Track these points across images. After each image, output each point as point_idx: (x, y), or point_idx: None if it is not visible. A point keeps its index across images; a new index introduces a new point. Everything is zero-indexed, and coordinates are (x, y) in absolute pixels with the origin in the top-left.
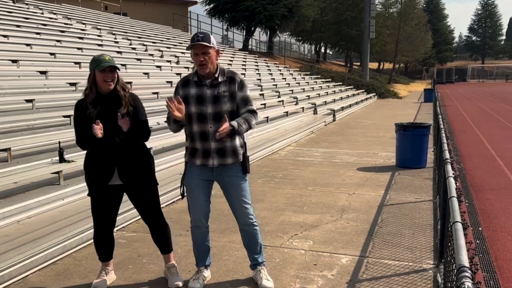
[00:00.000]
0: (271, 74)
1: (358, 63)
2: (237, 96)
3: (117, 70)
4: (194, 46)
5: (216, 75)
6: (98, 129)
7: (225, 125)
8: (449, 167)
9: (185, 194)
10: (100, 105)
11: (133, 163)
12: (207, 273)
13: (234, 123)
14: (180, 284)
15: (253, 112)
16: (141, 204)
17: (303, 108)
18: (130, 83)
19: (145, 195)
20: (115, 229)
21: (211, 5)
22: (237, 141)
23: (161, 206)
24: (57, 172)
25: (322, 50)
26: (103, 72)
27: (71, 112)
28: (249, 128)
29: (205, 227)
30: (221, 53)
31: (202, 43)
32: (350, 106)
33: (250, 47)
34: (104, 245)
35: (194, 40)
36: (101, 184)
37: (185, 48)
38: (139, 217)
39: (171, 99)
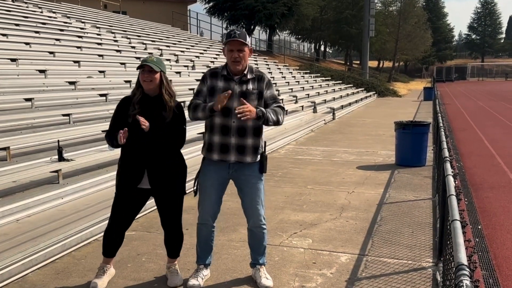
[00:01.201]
0: (270, 72)
1: (358, 62)
2: (265, 94)
3: (162, 73)
4: (230, 42)
5: (245, 72)
6: (122, 137)
7: (250, 107)
8: (448, 165)
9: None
10: (143, 106)
11: (164, 168)
12: (206, 272)
13: (262, 108)
14: (179, 283)
15: (282, 108)
16: (165, 210)
17: (302, 106)
18: (129, 81)
19: (171, 202)
20: None
21: (211, 4)
22: (259, 139)
23: None
24: (56, 171)
25: (322, 48)
26: (142, 72)
27: (71, 111)
28: (277, 120)
29: (211, 226)
30: (217, 55)
31: (239, 39)
32: (349, 104)
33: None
34: (113, 242)
35: (230, 36)
36: (130, 186)
37: (184, 46)
38: (139, 216)
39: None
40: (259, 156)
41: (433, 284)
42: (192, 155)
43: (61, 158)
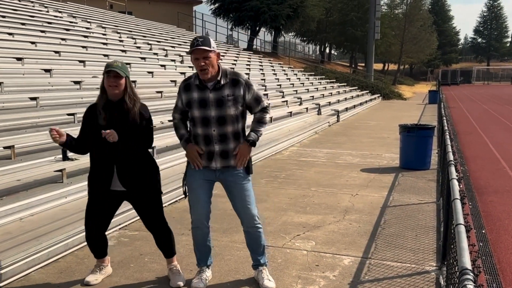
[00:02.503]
0: (275, 74)
1: (363, 64)
2: (247, 98)
3: (127, 79)
4: (194, 51)
5: (219, 78)
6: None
7: (241, 152)
8: (452, 169)
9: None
10: (109, 111)
11: (133, 169)
12: (208, 273)
13: (253, 135)
14: (182, 284)
15: (265, 109)
16: (144, 212)
17: (307, 108)
18: (134, 81)
19: (147, 203)
20: (118, 227)
21: (216, 5)
22: (240, 143)
23: (164, 205)
24: (60, 170)
25: (327, 50)
26: (108, 78)
27: (75, 110)
28: (265, 126)
29: (206, 227)
30: (222, 56)
31: (202, 47)
32: (354, 107)
33: (254, 47)
34: (97, 245)
35: (193, 45)
36: (101, 188)
37: (189, 47)
38: None
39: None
40: None
41: None
42: (180, 161)
43: (65, 158)
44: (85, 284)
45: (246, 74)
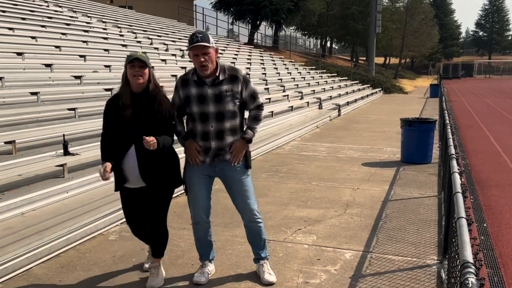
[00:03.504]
0: (276, 68)
1: (364, 58)
2: (243, 94)
3: (149, 68)
4: (193, 47)
5: (217, 74)
6: (107, 174)
7: (236, 150)
8: (454, 162)
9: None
10: (134, 105)
11: (156, 164)
12: (211, 267)
13: (249, 132)
14: (157, 286)
15: (261, 106)
16: (153, 204)
17: (308, 102)
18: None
19: (161, 196)
20: (119, 222)
21: None
22: (236, 138)
23: None
24: (62, 165)
25: (328, 44)
26: (132, 67)
27: (76, 105)
28: (260, 123)
29: (206, 222)
30: (222, 51)
31: (202, 43)
32: (355, 101)
33: (255, 41)
34: (144, 240)
35: (193, 41)
36: (120, 183)
37: (188, 43)
38: None
39: None
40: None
41: (438, 282)
42: (180, 156)
43: (66, 152)
44: None
45: (247, 68)
